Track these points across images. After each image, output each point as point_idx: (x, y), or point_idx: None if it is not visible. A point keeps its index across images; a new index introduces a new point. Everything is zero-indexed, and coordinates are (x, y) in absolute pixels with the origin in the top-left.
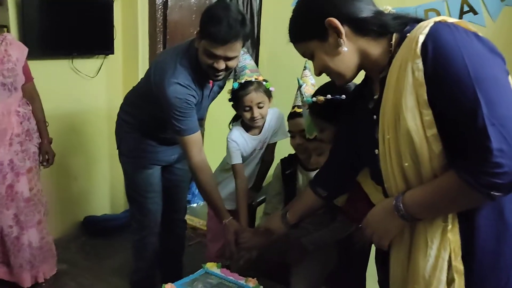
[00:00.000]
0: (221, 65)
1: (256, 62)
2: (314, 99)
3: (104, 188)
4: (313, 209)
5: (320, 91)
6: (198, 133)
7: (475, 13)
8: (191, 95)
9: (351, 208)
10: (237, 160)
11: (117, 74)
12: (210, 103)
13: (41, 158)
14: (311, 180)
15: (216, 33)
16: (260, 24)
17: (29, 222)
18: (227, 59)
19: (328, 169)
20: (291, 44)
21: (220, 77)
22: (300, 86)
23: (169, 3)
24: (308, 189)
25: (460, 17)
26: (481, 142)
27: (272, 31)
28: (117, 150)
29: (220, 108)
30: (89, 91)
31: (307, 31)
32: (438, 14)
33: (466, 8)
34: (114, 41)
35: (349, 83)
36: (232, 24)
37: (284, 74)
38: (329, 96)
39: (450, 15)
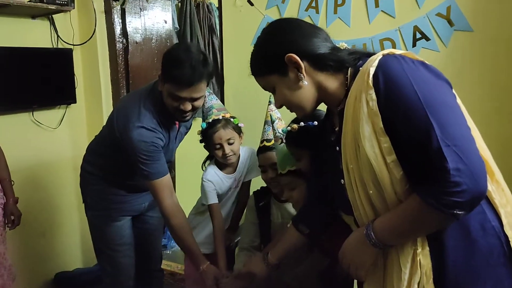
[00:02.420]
0: (188, 106)
1: (222, 100)
2: (289, 128)
3: (75, 241)
4: (295, 247)
5: (294, 120)
6: (168, 176)
7: (428, 39)
8: (158, 138)
9: (329, 244)
10: (213, 200)
11: (81, 123)
12: (177, 146)
13: (5, 220)
14: (293, 217)
15: (179, 76)
16: (223, 62)
17: None
18: (193, 100)
19: (309, 205)
20: (256, 80)
21: (187, 118)
22: (272, 122)
23: (130, 47)
24: (291, 226)
25: (414, 44)
26: (438, 163)
27: (235, 68)
28: (83, 204)
29: (191, 150)
30: (53, 143)
31: (268, 66)
32: (393, 43)
33: (418, 35)
34: (76, 89)
35: (320, 111)
36: (195, 66)
37: (250, 109)
38: (302, 123)
39: (404, 43)
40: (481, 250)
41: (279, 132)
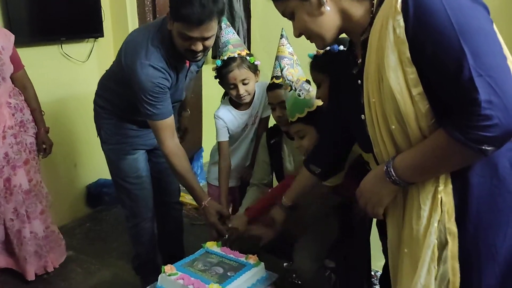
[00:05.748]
0: (199, 46)
1: (249, 35)
2: (315, 52)
3: (104, 173)
4: (307, 188)
5: None
6: (171, 118)
7: None
8: (165, 79)
9: (342, 188)
10: (222, 137)
11: (108, 57)
12: (188, 84)
13: (38, 148)
14: (305, 158)
15: (189, 15)
16: None
17: (32, 214)
18: (204, 39)
19: (320, 146)
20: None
21: (199, 58)
22: (282, 70)
23: None
24: (303, 168)
25: None
26: (468, 94)
27: (262, 2)
28: (98, 138)
29: (219, 90)
30: (81, 76)
31: None
32: None
33: None
34: (103, 23)
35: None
36: (204, 3)
37: (276, 45)
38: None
39: None
40: (508, 189)
41: (288, 80)
